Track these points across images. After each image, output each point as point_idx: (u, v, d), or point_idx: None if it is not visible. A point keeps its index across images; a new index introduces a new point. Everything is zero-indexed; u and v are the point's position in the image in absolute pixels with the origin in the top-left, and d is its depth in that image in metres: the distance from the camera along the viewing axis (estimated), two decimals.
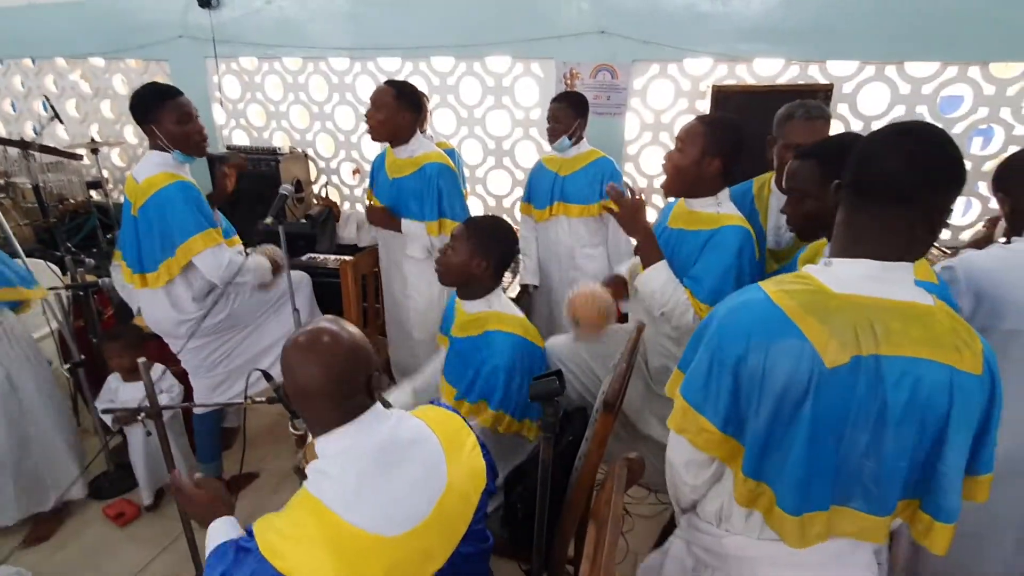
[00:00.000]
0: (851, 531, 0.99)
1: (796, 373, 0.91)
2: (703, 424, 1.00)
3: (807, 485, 0.95)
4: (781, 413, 0.93)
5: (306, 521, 0.99)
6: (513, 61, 3.41)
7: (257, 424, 2.92)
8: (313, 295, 2.45)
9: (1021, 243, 1.43)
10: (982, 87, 2.87)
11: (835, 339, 0.90)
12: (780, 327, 0.93)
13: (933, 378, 0.91)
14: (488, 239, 1.71)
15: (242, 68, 3.91)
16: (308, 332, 1.05)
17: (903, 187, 0.90)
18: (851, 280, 0.95)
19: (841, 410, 0.91)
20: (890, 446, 0.93)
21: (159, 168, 1.99)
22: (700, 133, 1.73)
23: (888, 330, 0.91)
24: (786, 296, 0.95)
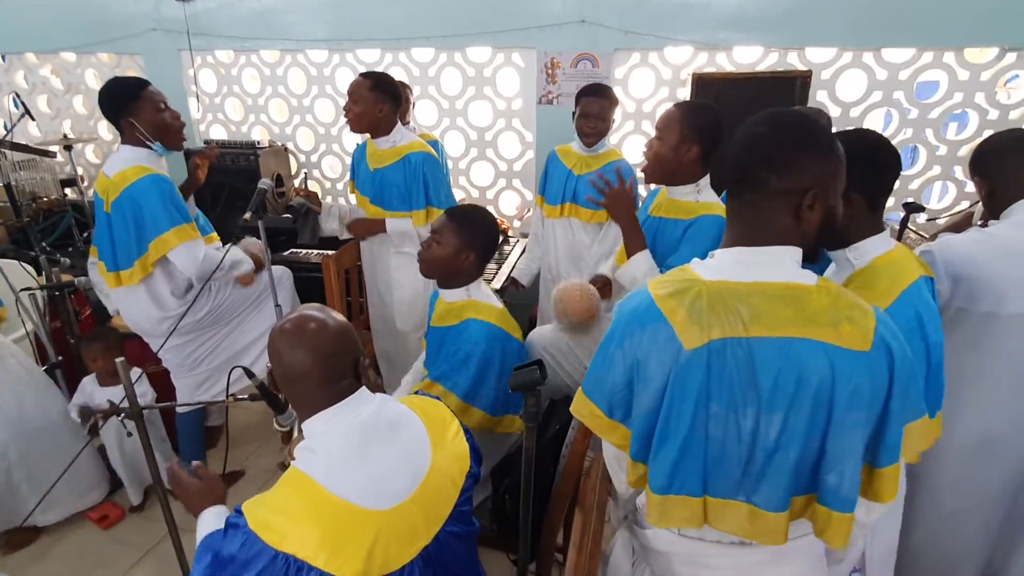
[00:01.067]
0: (743, 529, 0.98)
1: (661, 355, 0.95)
2: (592, 409, 1.06)
3: (668, 464, 0.97)
4: (653, 396, 0.97)
5: (293, 494, 1.01)
6: (494, 51, 3.39)
7: (242, 422, 2.90)
8: (295, 290, 2.43)
9: (998, 226, 1.45)
10: (957, 72, 2.90)
11: (694, 322, 0.93)
12: (648, 315, 0.98)
13: (807, 357, 0.89)
14: (473, 231, 1.68)
15: (218, 61, 3.84)
16: (295, 318, 1.08)
17: (744, 171, 0.95)
18: (722, 267, 0.98)
19: (702, 391, 0.93)
20: (775, 432, 0.92)
21: (131, 162, 1.95)
22: (677, 119, 1.73)
23: (756, 312, 0.91)
24: (659, 287, 1.00)
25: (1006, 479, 1.50)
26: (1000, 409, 1.45)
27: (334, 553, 0.96)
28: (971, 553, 1.59)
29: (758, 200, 0.94)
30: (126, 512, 2.36)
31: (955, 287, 1.43)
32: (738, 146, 0.96)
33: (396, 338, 2.61)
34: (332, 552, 0.96)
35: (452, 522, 1.13)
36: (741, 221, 0.98)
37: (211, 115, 3.99)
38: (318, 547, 0.96)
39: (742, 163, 0.95)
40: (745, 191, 0.96)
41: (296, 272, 2.50)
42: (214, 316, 2.16)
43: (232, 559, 0.99)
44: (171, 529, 1.76)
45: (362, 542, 0.98)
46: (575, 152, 2.56)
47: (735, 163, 0.96)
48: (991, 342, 1.42)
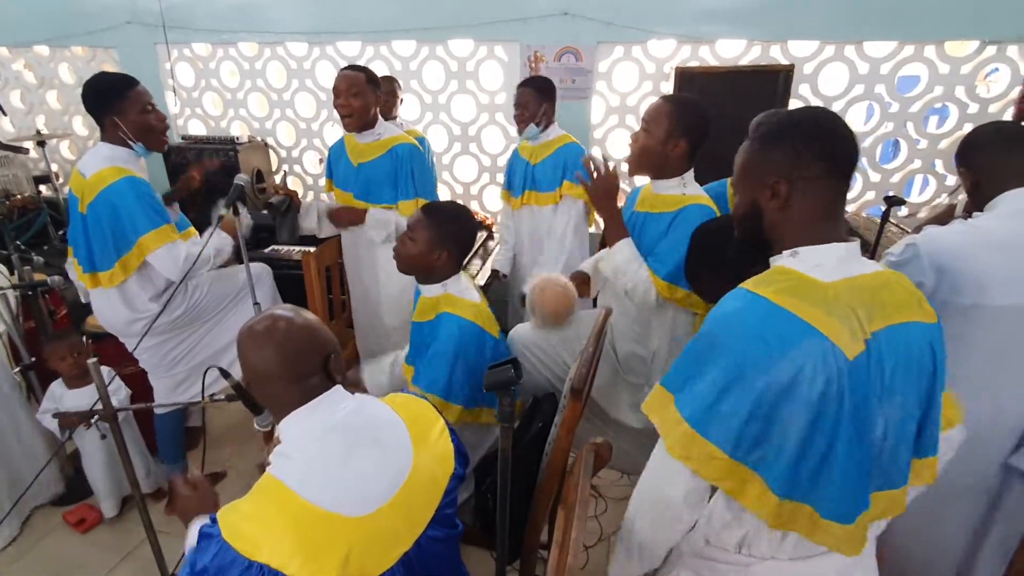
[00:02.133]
0: (878, 513, 0.99)
1: (827, 375, 0.85)
2: (711, 451, 0.90)
3: (855, 489, 0.91)
4: (818, 420, 0.87)
5: (266, 502, 0.99)
6: (476, 44, 3.35)
7: (223, 422, 2.85)
8: (275, 288, 2.39)
9: (982, 218, 1.45)
10: (937, 66, 2.92)
11: (846, 329, 0.87)
12: (794, 329, 0.87)
13: (917, 337, 0.94)
14: (447, 229, 1.66)
15: (195, 54, 3.77)
16: (258, 317, 1.08)
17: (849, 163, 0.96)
18: (826, 265, 0.93)
19: (868, 399, 0.89)
20: (897, 415, 0.94)
21: (108, 162, 1.90)
22: (666, 113, 1.71)
23: (873, 304, 0.92)
24: (784, 295, 0.90)
25: (985, 469, 1.51)
26: (981, 401, 1.45)
27: (308, 561, 0.94)
28: (950, 545, 1.60)
29: (842, 194, 0.97)
30: (104, 515, 2.32)
31: (939, 279, 1.43)
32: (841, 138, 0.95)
33: (382, 334, 2.58)
34: (306, 560, 0.94)
35: (434, 526, 1.11)
36: (830, 217, 0.96)
37: (189, 110, 3.92)
38: (291, 555, 0.93)
39: (848, 155, 0.95)
40: (841, 184, 0.96)
41: (276, 269, 2.46)
42: (191, 315, 2.12)
43: (205, 571, 0.96)
44: (149, 533, 1.73)
45: (337, 550, 0.96)
46: (529, 145, 2.67)
47: (846, 155, 0.95)
48: (975, 334, 1.42)
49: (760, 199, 0.98)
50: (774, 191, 0.96)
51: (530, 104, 2.56)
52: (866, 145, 3.12)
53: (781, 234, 0.98)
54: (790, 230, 0.97)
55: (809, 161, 0.93)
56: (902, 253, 1.46)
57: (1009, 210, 1.40)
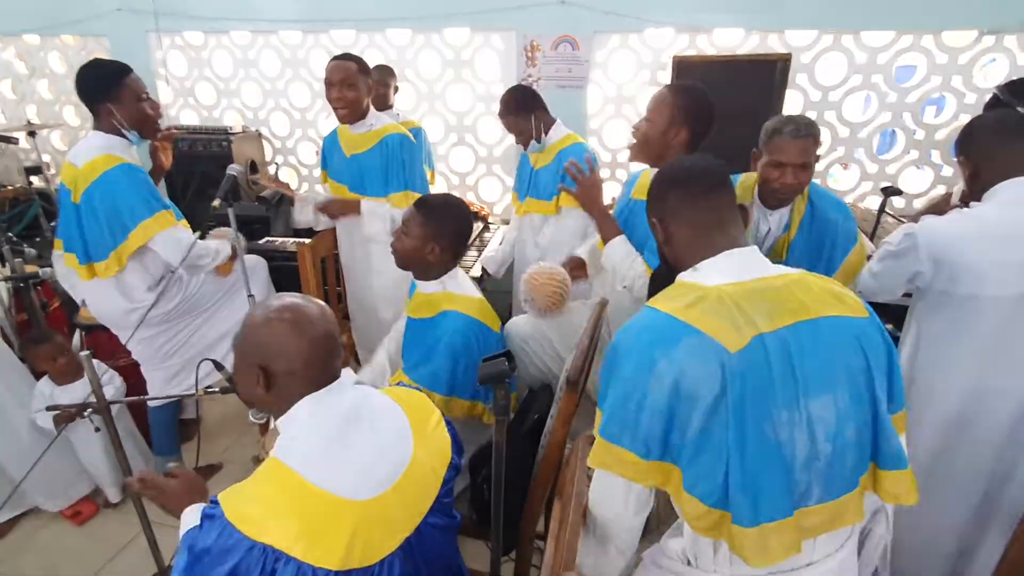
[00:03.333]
0: (822, 526, 0.95)
1: (706, 368, 0.89)
2: (624, 456, 0.95)
3: (755, 486, 0.89)
4: (708, 416, 0.90)
5: (271, 484, 0.99)
6: (472, 33, 3.32)
7: (218, 414, 2.85)
8: (270, 280, 2.37)
9: (980, 208, 1.44)
10: (935, 56, 2.90)
11: (728, 325, 0.91)
12: (675, 331, 0.93)
13: (836, 332, 0.94)
14: (440, 222, 1.63)
15: (187, 43, 3.72)
16: (280, 307, 1.04)
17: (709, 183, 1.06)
18: (719, 273, 0.99)
19: (761, 392, 0.89)
20: (831, 415, 0.91)
21: (101, 151, 1.88)
22: (669, 103, 1.70)
23: (776, 303, 0.94)
24: (670, 302, 0.97)
25: (980, 459, 1.52)
26: (977, 391, 1.46)
27: (313, 544, 0.94)
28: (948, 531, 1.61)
29: (730, 208, 1.04)
30: (100, 508, 2.31)
31: (937, 269, 1.42)
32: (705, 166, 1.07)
33: (376, 326, 2.57)
34: (311, 543, 0.94)
35: (434, 514, 1.12)
36: (719, 229, 1.03)
37: (182, 99, 3.88)
38: (296, 537, 0.94)
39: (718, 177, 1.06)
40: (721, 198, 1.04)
41: (271, 261, 2.45)
42: (186, 307, 2.11)
43: (207, 551, 0.96)
44: (145, 525, 1.73)
45: (341, 533, 0.96)
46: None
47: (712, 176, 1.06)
48: (971, 324, 1.42)
49: (657, 238, 1.13)
50: (654, 229, 1.11)
51: (521, 127, 2.48)
52: (863, 135, 3.11)
53: (678, 258, 1.08)
54: (681, 253, 1.07)
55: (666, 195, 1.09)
56: (900, 243, 1.46)
57: (1007, 199, 1.40)
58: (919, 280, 1.47)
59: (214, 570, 0.94)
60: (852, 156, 3.17)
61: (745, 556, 0.92)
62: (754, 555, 0.91)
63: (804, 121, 1.63)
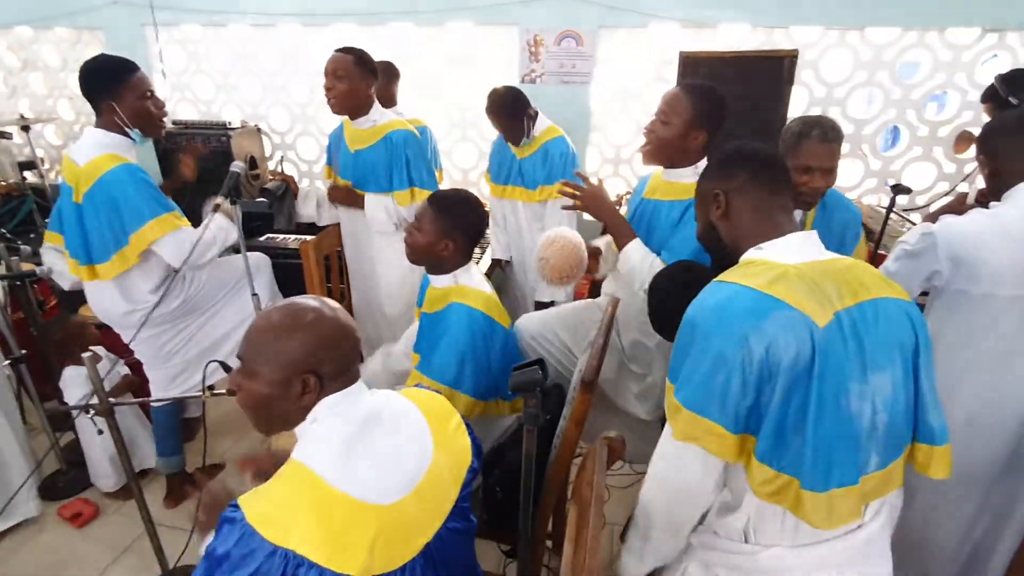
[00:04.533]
0: (875, 491, 1.01)
1: (797, 340, 0.91)
2: (713, 428, 0.96)
3: (829, 454, 0.93)
4: (792, 388, 0.92)
5: (293, 487, 0.96)
6: (475, 28, 3.29)
7: (220, 413, 2.81)
8: (273, 278, 2.34)
9: (1000, 207, 1.43)
10: (939, 53, 2.90)
11: (814, 301, 0.94)
12: (765, 305, 0.94)
13: (894, 312, 0.99)
14: (454, 218, 1.62)
15: (185, 37, 3.67)
16: (304, 310, 1.02)
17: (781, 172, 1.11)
18: (792, 252, 1.03)
19: (840, 366, 0.93)
20: (888, 390, 0.97)
21: (103, 149, 1.84)
22: (687, 105, 1.66)
23: (842, 283, 0.98)
24: (754, 279, 0.99)
25: (996, 457, 1.51)
26: (994, 390, 1.46)
27: (335, 549, 0.92)
28: (962, 531, 1.60)
29: (790, 193, 1.10)
30: (99, 509, 2.28)
31: (955, 269, 1.42)
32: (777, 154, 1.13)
33: (381, 324, 2.55)
34: (333, 548, 0.92)
35: (453, 518, 1.10)
36: (785, 214, 1.08)
37: (179, 94, 3.83)
38: (319, 543, 0.91)
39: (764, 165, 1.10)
40: (788, 184, 1.10)
41: (274, 258, 2.41)
42: (189, 306, 2.07)
43: (227, 557, 0.92)
44: (148, 525, 1.70)
45: (364, 538, 0.94)
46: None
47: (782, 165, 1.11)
48: (989, 324, 1.42)
49: (709, 213, 1.14)
50: (716, 203, 1.12)
51: (512, 126, 2.57)
52: (867, 132, 3.10)
53: (735, 236, 1.10)
54: (741, 231, 1.09)
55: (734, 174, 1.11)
56: (918, 242, 1.45)
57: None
58: (936, 279, 1.46)
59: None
60: (856, 152, 3.16)
61: (811, 520, 0.95)
62: (821, 519, 0.95)
63: (830, 124, 1.63)
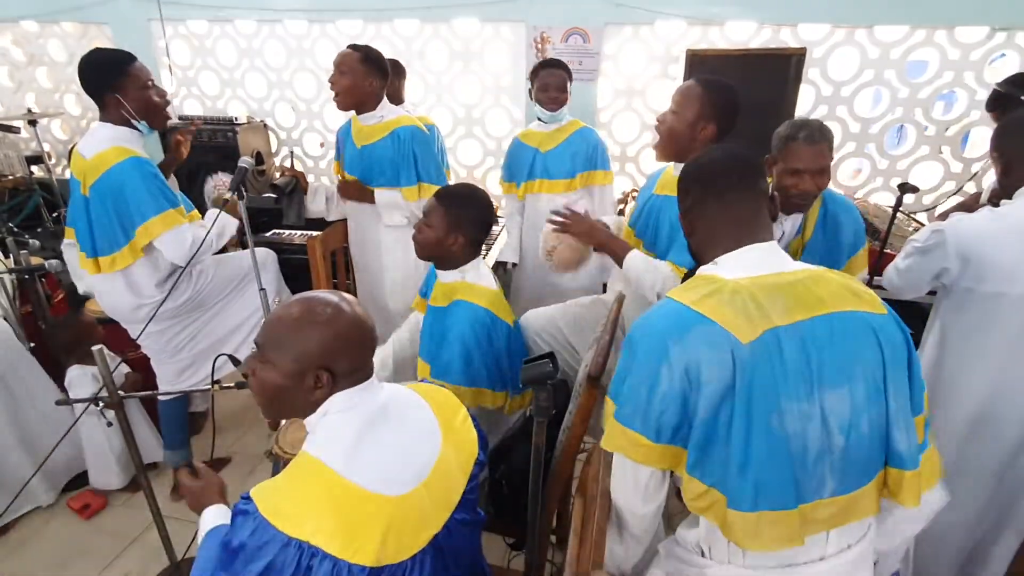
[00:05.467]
0: (834, 519, 0.95)
1: (717, 356, 0.91)
2: (635, 438, 0.98)
3: (757, 474, 0.90)
4: (716, 403, 0.91)
5: (305, 480, 0.98)
6: (482, 24, 3.29)
7: (227, 407, 2.83)
8: (280, 273, 2.35)
9: (1010, 206, 1.44)
10: (947, 51, 2.89)
11: (740, 317, 0.92)
12: (688, 319, 0.95)
13: (854, 327, 0.94)
14: (462, 212, 1.63)
15: (191, 32, 3.68)
16: (324, 304, 1.03)
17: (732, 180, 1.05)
18: (738, 267, 1.00)
19: (771, 384, 0.90)
20: (846, 409, 0.92)
21: (110, 142, 1.85)
22: (697, 96, 1.67)
23: (792, 298, 0.94)
24: (689, 294, 0.99)
25: (1001, 456, 1.52)
26: (1001, 388, 1.46)
27: (349, 540, 0.93)
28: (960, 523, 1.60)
29: (754, 202, 1.04)
30: (108, 500, 2.30)
31: (964, 267, 1.42)
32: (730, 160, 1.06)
33: (387, 319, 2.56)
34: (346, 539, 0.93)
35: (461, 510, 1.12)
36: (740, 224, 1.03)
37: (185, 89, 3.84)
38: (332, 533, 0.93)
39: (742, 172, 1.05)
40: (744, 193, 1.04)
41: (280, 254, 2.42)
42: (196, 301, 2.08)
43: (242, 547, 0.95)
44: (157, 517, 1.72)
45: (375, 529, 0.95)
46: (537, 132, 2.63)
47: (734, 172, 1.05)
48: (996, 322, 1.42)
49: (684, 232, 1.13)
50: (682, 223, 1.13)
51: (566, 87, 2.55)
52: (874, 131, 3.10)
53: (701, 252, 1.09)
54: (703, 247, 1.08)
55: (689, 190, 1.10)
56: (928, 239, 1.46)
57: None
58: (945, 277, 1.47)
59: (248, 567, 0.92)
60: (863, 151, 3.16)
61: (738, 540, 0.94)
62: (745, 539, 0.93)
63: (817, 125, 1.61)
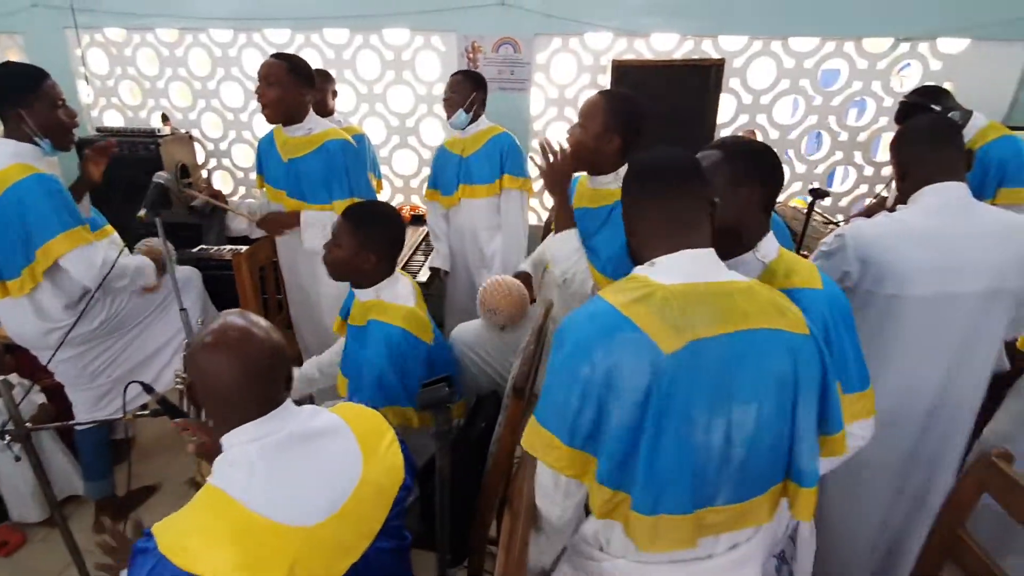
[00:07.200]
0: (725, 524, 0.99)
1: (637, 363, 0.90)
2: (550, 440, 0.98)
3: (662, 481, 0.92)
4: (630, 410, 0.92)
5: (208, 512, 0.95)
6: (412, 34, 3.28)
7: (153, 432, 2.71)
8: (205, 291, 2.27)
9: (905, 211, 1.50)
10: (856, 61, 3.07)
11: (668, 326, 0.91)
12: (615, 322, 0.94)
13: (771, 345, 0.94)
14: (371, 230, 1.60)
15: (109, 40, 3.51)
16: (222, 329, 1.00)
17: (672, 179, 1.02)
18: (674, 271, 0.99)
19: (688, 395, 0.91)
20: (751, 423, 0.94)
21: (13, 158, 1.75)
22: (601, 109, 1.71)
23: (720, 310, 0.94)
24: (617, 294, 0.98)
25: (904, 449, 1.60)
26: (902, 386, 1.53)
27: (251, 573, 0.91)
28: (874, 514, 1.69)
29: (695, 205, 1.01)
30: (27, 536, 2.17)
31: (864, 270, 1.48)
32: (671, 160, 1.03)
33: (323, 336, 2.50)
34: (249, 572, 0.91)
35: (383, 537, 1.09)
36: (679, 227, 1.01)
37: (104, 99, 3.66)
38: (234, 568, 0.90)
39: (682, 172, 1.02)
40: (684, 197, 1.02)
41: (206, 270, 2.34)
42: (112, 324, 1.99)
43: None
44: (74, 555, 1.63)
45: (282, 561, 0.93)
46: (460, 139, 2.63)
47: (674, 172, 1.02)
48: (894, 323, 1.49)
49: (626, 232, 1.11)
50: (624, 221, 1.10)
51: (461, 89, 2.51)
52: (792, 137, 3.25)
53: (639, 253, 1.08)
54: (640, 248, 1.06)
55: (629, 190, 1.08)
56: (831, 244, 1.52)
57: (928, 204, 1.46)
58: (847, 280, 1.53)
59: None
60: (783, 157, 3.31)
61: (636, 540, 0.97)
62: (644, 541, 0.96)
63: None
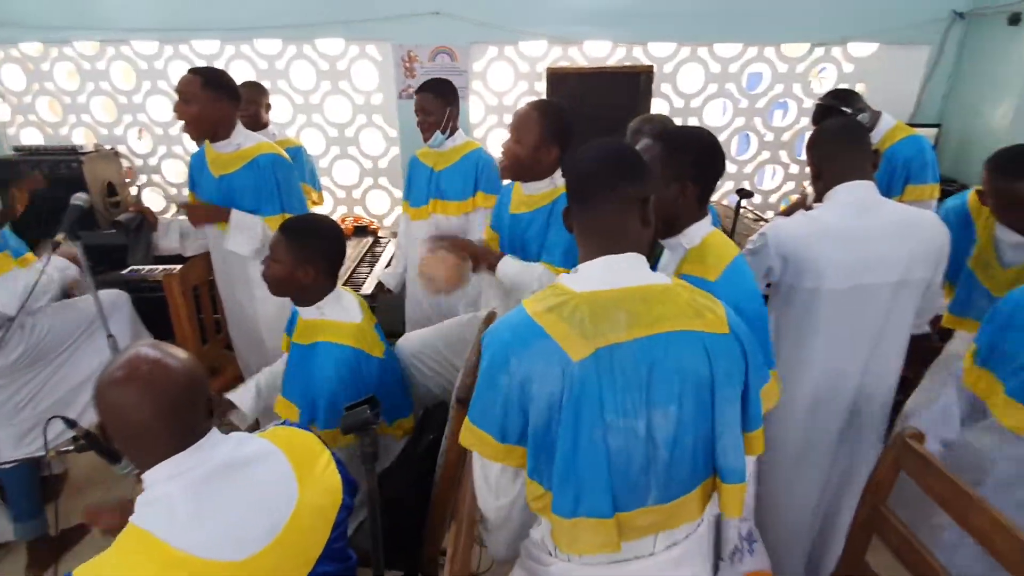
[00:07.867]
0: (657, 525, 1.02)
1: (548, 370, 0.95)
2: (483, 437, 1.03)
3: (578, 484, 0.96)
4: (544, 413, 0.96)
5: (131, 554, 0.91)
6: (347, 43, 3.24)
7: (86, 466, 2.57)
8: (135, 315, 2.18)
9: (819, 210, 1.59)
10: (777, 65, 3.23)
11: (578, 333, 0.94)
12: (529, 331, 0.98)
13: (688, 346, 0.96)
14: (309, 244, 1.57)
15: (24, 54, 3.32)
16: (124, 365, 0.95)
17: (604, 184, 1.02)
18: (591, 278, 1.01)
19: (599, 400, 0.94)
20: (671, 425, 0.97)
21: None
22: (536, 121, 1.74)
23: (633, 314, 0.96)
24: (535, 304, 1.02)
25: (832, 431, 1.70)
26: (826, 374, 1.63)
27: None
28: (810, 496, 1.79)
29: (616, 210, 1.01)
30: None
31: (784, 266, 1.56)
32: (595, 164, 1.03)
33: (264, 355, 2.43)
34: None
35: (325, 561, 1.07)
36: (600, 233, 1.03)
37: (21, 117, 3.46)
38: None
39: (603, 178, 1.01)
40: (607, 202, 1.01)
41: (136, 293, 2.24)
42: (33, 355, 1.88)
43: None
44: None
45: None
46: (433, 151, 2.50)
47: (595, 178, 1.02)
48: (814, 315, 1.57)
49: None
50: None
51: (433, 110, 2.34)
52: (722, 139, 3.39)
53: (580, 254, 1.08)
54: (579, 250, 1.07)
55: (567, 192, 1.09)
56: (756, 242, 1.60)
57: (842, 201, 1.55)
58: (771, 275, 1.62)
59: None
60: None
61: (558, 543, 1.01)
62: (564, 544, 1.00)
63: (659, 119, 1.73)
